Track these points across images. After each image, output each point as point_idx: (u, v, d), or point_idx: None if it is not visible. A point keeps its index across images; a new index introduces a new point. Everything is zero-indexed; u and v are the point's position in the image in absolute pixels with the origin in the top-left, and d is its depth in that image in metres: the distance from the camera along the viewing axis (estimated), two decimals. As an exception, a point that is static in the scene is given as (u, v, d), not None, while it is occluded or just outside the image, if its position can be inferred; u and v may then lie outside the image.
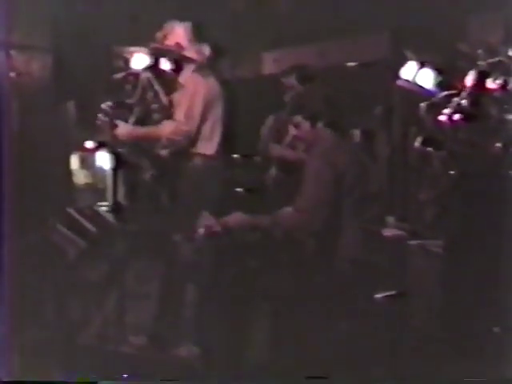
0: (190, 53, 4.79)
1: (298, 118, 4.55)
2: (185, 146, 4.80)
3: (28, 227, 4.56)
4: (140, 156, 4.87)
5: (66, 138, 4.98)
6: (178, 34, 4.79)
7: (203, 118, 4.78)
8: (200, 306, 4.58)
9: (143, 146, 4.89)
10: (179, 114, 4.80)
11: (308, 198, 4.44)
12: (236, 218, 4.54)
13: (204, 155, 4.81)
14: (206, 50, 4.78)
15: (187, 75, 4.80)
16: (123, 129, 4.79)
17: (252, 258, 4.50)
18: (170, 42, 4.79)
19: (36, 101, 4.85)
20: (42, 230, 4.70)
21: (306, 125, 4.54)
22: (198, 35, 4.78)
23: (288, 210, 4.48)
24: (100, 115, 4.74)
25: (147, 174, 4.85)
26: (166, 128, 4.80)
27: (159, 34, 4.77)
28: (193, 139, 4.79)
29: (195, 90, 4.78)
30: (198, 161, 4.82)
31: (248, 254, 4.51)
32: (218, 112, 4.79)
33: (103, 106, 4.75)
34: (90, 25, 4.74)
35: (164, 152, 4.85)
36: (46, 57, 4.89)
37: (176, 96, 4.83)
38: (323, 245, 4.45)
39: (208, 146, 4.80)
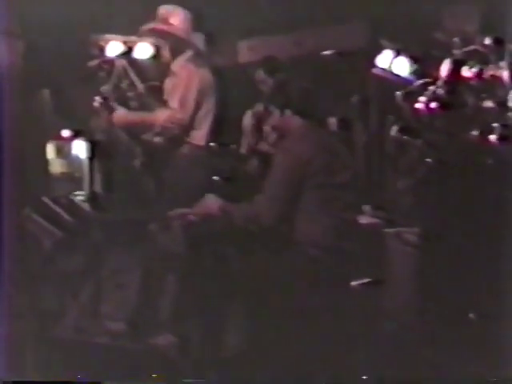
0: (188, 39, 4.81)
1: (271, 108, 4.56)
2: (177, 134, 4.81)
3: (3, 217, 4.53)
4: (119, 144, 4.85)
5: (42, 127, 4.94)
6: (179, 18, 4.78)
7: (196, 107, 4.79)
8: (177, 295, 4.58)
9: (122, 134, 4.87)
10: (173, 101, 4.81)
11: (275, 186, 4.46)
12: (211, 202, 4.55)
13: (193, 144, 4.82)
14: (201, 39, 4.78)
15: (181, 63, 4.80)
16: (120, 113, 4.78)
17: (227, 246, 4.51)
18: (170, 24, 4.80)
19: (11, 89, 4.81)
20: (18, 220, 4.67)
21: (276, 114, 4.54)
22: (196, 23, 4.78)
23: (259, 197, 4.50)
24: (97, 98, 4.72)
25: (137, 161, 4.83)
26: (161, 115, 4.80)
27: (158, 15, 4.75)
28: (186, 128, 4.80)
29: (189, 79, 4.78)
30: (185, 150, 4.83)
31: (223, 243, 4.52)
32: (210, 102, 4.80)
33: (103, 88, 4.73)
34: (64, 12, 4.70)
35: (149, 139, 4.85)
36: (19, 44, 4.84)
37: (168, 83, 4.82)
38: (295, 232, 4.46)
39: (198, 136, 4.81)
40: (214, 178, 4.67)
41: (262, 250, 4.47)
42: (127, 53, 4.77)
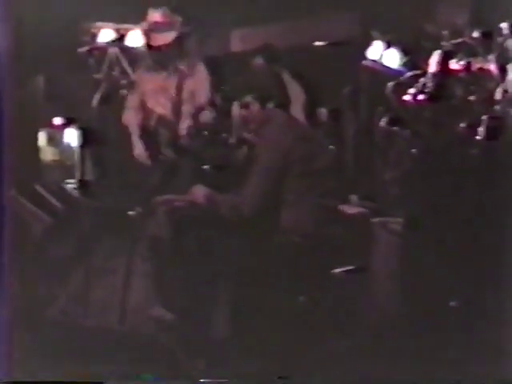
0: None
1: (248, 99, 4.59)
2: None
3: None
4: (111, 133, 4.87)
5: (34, 114, 4.94)
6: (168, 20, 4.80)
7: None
8: (161, 281, 4.62)
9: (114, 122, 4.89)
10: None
11: (257, 177, 4.52)
12: (198, 191, 4.59)
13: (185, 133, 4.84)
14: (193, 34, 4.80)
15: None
16: None
17: (211, 233, 4.54)
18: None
19: (3, 75, 4.82)
20: (8, 205, 4.69)
21: (255, 106, 4.58)
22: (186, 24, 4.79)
23: (243, 187, 4.55)
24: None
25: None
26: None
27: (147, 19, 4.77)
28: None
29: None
30: (177, 138, 4.85)
31: (208, 229, 4.55)
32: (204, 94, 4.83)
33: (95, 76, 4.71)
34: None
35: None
36: (12, 32, 4.85)
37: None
38: (279, 220, 4.49)
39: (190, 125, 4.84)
40: (205, 167, 4.69)
41: (246, 237, 4.51)
42: (119, 40, 4.77)
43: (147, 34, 4.79)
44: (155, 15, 4.79)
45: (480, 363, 4.22)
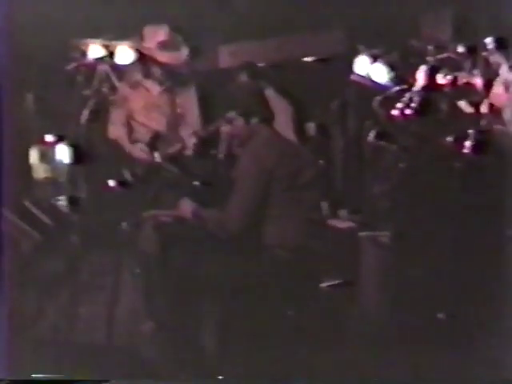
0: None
1: (232, 114, 4.62)
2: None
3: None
4: (102, 150, 4.88)
5: (25, 132, 4.96)
6: (164, 35, 4.81)
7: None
8: (150, 295, 4.62)
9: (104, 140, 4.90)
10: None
11: (242, 193, 4.54)
12: (185, 206, 4.61)
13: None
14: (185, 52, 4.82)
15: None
16: None
17: (199, 247, 4.56)
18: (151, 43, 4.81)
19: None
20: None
21: (239, 121, 4.61)
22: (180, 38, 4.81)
23: (228, 203, 4.57)
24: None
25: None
26: None
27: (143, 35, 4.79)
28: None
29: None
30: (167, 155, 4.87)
31: (196, 244, 4.57)
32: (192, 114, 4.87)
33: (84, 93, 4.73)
34: (47, 16, 4.74)
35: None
36: (1, 50, 4.87)
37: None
38: (264, 235, 4.51)
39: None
40: (195, 183, 4.71)
41: (233, 251, 4.52)
42: (108, 57, 4.79)
43: (152, 52, 4.80)
44: (158, 33, 4.80)
45: (478, 365, 4.23)
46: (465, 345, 4.27)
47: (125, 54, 4.84)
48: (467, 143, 4.31)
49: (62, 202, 4.79)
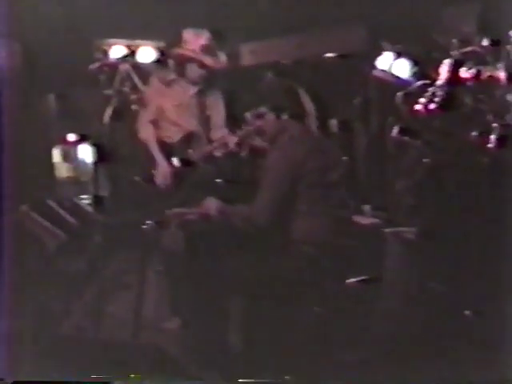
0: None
1: (263, 109, 4.61)
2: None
3: (6, 219, 4.58)
4: (124, 148, 4.89)
5: (48, 131, 4.98)
6: (203, 39, 4.83)
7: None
8: (176, 295, 4.63)
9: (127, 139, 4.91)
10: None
11: (269, 188, 4.52)
12: (210, 203, 4.61)
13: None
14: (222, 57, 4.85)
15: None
16: None
17: (224, 245, 4.56)
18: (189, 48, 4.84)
19: (16, 93, 4.85)
20: (22, 222, 4.71)
21: (270, 116, 4.61)
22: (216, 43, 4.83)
23: (255, 198, 4.56)
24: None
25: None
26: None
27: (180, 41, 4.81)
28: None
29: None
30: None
31: (221, 242, 4.57)
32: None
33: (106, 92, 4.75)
34: (68, 15, 4.75)
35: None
36: (24, 50, 4.89)
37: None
38: (291, 231, 4.51)
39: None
40: (217, 180, 4.70)
41: (259, 248, 4.51)
42: (130, 56, 4.81)
43: (196, 55, 4.82)
44: (200, 37, 4.82)
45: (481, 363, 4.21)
46: (492, 342, 4.24)
47: (146, 53, 4.85)
48: (492, 137, 4.28)
49: (85, 200, 4.80)
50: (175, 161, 4.77)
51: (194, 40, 4.81)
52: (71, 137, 4.78)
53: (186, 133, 4.87)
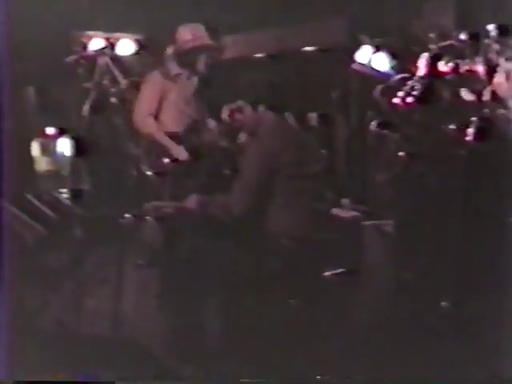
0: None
1: (240, 103, 4.63)
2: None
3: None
4: (104, 142, 4.88)
5: (27, 125, 4.96)
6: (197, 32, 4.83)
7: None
8: (155, 288, 4.63)
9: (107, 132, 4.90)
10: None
11: (247, 178, 4.55)
12: (190, 198, 4.62)
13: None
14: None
15: None
16: None
17: (202, 238, 4.57)
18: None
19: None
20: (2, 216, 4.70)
21: (247, 109, 4.62)
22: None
23: (233, 189, 4.58)
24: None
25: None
26: None
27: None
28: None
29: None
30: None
31: (198, 235, 4.58)
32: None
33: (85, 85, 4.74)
34: (48, 8, 4.73)
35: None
36: (2, 43, 4.87)
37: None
38: (268, 223, 4.52)
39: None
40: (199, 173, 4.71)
41: (236, 240, 4.52)
42: (109, 49, 4.79)
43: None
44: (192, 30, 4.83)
45: (479, 363, 4.23)
46: (467, 334, 4.26)
47: (126, 46, 4.84)
48: (470, 131, 4.30)
49: (64, 194, 4.79)
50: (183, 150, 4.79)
51: (189, 33, 4.81)
52: (50, 130, 4.77)
53: (191, 122, 4.88)
